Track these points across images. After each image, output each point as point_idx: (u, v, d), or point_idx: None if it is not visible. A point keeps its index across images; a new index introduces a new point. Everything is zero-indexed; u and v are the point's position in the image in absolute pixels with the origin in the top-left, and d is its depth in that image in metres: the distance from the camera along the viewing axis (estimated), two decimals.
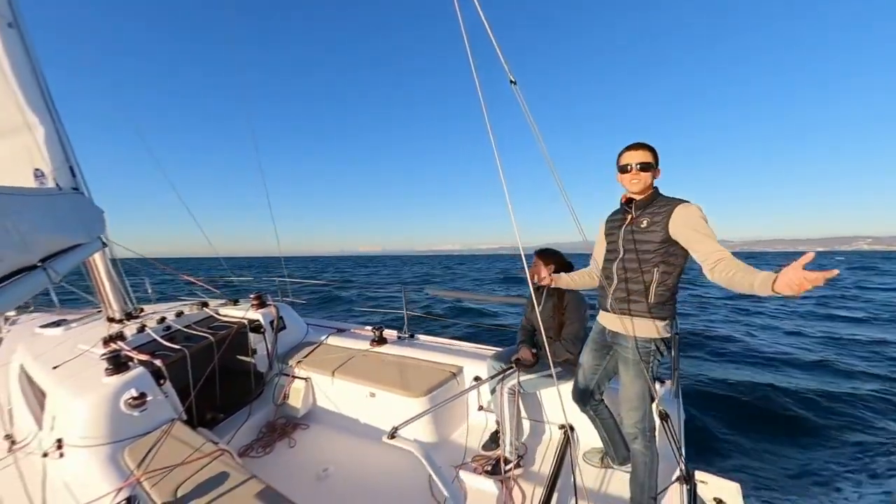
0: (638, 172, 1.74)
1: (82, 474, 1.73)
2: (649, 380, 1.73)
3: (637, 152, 1.75)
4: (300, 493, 2.16)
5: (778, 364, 6.78)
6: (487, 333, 7.94)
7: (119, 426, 1.91)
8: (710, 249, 1.53)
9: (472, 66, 1.23)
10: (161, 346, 2.56)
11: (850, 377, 6.12)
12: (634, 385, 1.77)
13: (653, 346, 1.74)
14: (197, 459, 1.71)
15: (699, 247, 1.57)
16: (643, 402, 1.77)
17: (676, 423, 2.30)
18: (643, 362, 1.73)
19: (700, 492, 2.09)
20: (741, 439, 4.40)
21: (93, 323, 3.16)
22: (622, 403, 1.85)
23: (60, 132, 2.85)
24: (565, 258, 2.54)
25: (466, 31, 1.24)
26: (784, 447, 4.27)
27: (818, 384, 5.73)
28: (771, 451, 4.21)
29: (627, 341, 1.76)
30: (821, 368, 6.56)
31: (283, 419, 2.92)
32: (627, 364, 1.78)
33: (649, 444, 1.82)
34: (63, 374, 2.20)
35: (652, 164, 1.73)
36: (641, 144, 1.75)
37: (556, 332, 2.44)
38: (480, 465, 2.34)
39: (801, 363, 6.78)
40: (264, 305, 3.43)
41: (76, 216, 2.41)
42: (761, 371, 6.44)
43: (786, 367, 6.62)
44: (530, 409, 2.65)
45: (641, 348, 1.73)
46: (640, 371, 1.74)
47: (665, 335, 1.75)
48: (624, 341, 1.79)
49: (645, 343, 1.73)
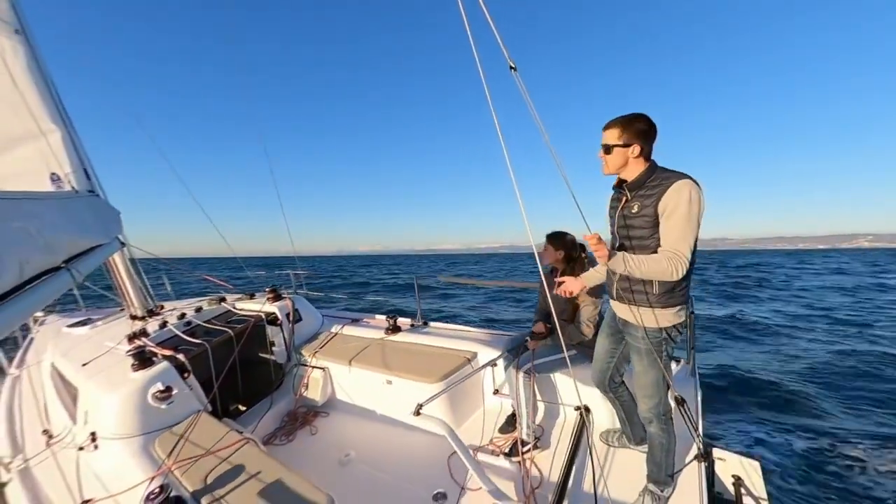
0: (602, 154, 1.64)
1: (117, 465, 1.81)
2: (662, 368, 1.68)
3: (604, 132, 1.62)
4: (324, 478, 2.23)
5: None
6: (501, 321, 7.96)
7: (148, 418, 1.99)
8: (668, 244, 1.49)
9: (474, 50, 1.21)
10: (183, 341, 2.63)
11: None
12: (648, 374, 1.71)
13: (663, 335, 1.66)
14: (224, 448, 1.78)
15: (662, 233, 1.52)
16: (658, 389, 1.73)
17: (693, 402, 2.30)
18: (655, 351, 1.66)
19: (718, 469, 2.10)
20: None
21: (117, 321, 3.26)
22: (637, 391, 1.82)
23: (73, 136, 2.91)
24: (576, 241, 2.52)
25: (467, 18, 1.22)
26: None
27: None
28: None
29: (637, 331, 1.69)
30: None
31: (303, 408, 3.00)
32: (640, 354, 1.72)
33: (665, 426, 1.80)
34: (92, 370, 2.29)
35: (620, 144, 1.57)
36: (611, 122, 1.60)
37: (570, 314, 2.44)
38: (498, 448, 2.38)
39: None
40: (280, 298, 3.49)
41: (94, 218, 2.47)
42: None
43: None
44: (545, 392, 2.67)
45: (652, 338, 1.65)
46: (652, 360, 1.68)
47: (676, 322, 1.66)
48: (634, 331, 1.72)
49: (654, 333, 1.66)
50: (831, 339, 7.91)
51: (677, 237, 1.47)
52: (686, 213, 1.45)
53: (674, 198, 1.47)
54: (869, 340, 7.66)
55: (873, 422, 4.41)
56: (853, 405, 4.83)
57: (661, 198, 1.50)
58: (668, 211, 1.48)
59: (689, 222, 1.46)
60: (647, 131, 1.56)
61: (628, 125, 1.56)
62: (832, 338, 7.98)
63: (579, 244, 2.52)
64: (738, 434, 4.17)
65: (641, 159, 1.60)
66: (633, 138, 1.56)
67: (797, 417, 4.54)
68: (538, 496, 1.92)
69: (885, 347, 6.99)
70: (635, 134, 1.56)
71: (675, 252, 1.47)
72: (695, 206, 1.46)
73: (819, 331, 8.79)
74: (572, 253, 2.49)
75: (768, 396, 4.97)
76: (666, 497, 1.84)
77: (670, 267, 1.46)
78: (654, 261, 1.50)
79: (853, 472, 3.48)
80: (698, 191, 1.48)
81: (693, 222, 1.47)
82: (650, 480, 1.88)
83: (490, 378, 2.88)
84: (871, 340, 7.64)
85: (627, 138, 1.56)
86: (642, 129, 1.55)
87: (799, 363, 6.26)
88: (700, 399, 2.36)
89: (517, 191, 1.27)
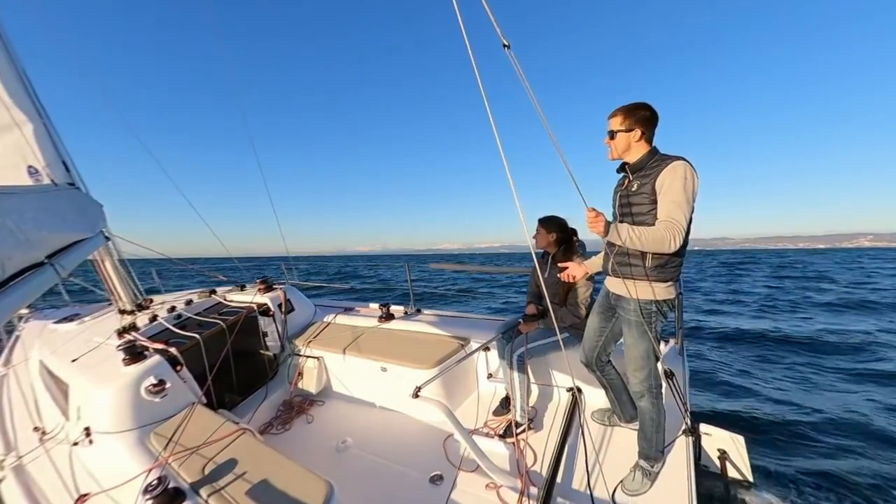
0: (608, 140, 1.77)
1: (113, 459, 1.81)
2: (652, 340, 1.76)
3: (609, 119, 1.75)
4: (322, 465, 2.26)
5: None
6: (494, 305, 7.94)
7: (143, 412, 1.98)
8: (664, 213, 1.58)
9: (462, 27, 1.19)
10: (174, 334, 2.61)
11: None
12: (639, 346, 1.80)
13: (654, 308, 1.75)
14: (220, 439, 1.78)
15: (659, 207, 1.61)
16: (648, 361, 1.81)
17: (682, 379, 2.36)
18: (645, 323, 1.75)
19: (704, 444, 2.17)
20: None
21: (105, 316, 3.21)
22: (628, 364, 1.89)
23: (49, 127, 2.81)
24: (568, 225, 2.54)
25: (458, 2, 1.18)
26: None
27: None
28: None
29: (629, 303, 1.78)
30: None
31: (299, 397, 3.02)
32: (631, 325, 1.81)
33: (656, 400, 1.87)
34: (83, 366, 2.26)
35: (623, 130, 1.70)
36: (615, 110, 1.73)
37: (562, 297, 2.47)
38: (493, 430, 2.43)
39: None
40: (271, 289, 3.47)
41: (76, 211, 2.41)
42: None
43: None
44: (539, 374, 2.72)
45: (643, 310, 1.74)
46: (643, 332, 1.77)
47: (667, 297, 1.75)
48: (626, 303, 1.80)
49: (646, 304, 1.74)
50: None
51: (673, 208, 1.56)
52: (681, 188, 1.55)
53: (670, 175, 1.58)
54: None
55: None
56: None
57: (658, 176, 1.61)
58: (665, 187, 1.58)
59: (685, 196, 1.55)
60: (648, 117, 1.68)
61: (630, 112, 1.69)
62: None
63: (571, 228, 2.54)
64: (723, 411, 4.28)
65: (643, 143, 1.71)
66: (635, 124, 1.68)
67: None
68: (532, 474, 1.97)
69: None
70: (637, 120, 1.68)
71: (671, 220, 1.55)
72: (689, 183, 1.56)
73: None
74: (563, 235, 2.51)
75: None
76: (656, 472, 1.90)
77: (668, 235, 1.53)
78: (652, 230, 1.58)
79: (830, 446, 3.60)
80: (693, 171, 1.58)
81: (688, 196, 1.56)
82: (641, 456, 1.94)
83: (484, 362, 2.92)
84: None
85: (629, 124, 1.69)
86: (643, 116, 1.68)
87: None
88: (687, 377, 2.42)
89: (506, 167, 1.26)
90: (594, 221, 1.56)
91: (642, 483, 1.86)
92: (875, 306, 9.91)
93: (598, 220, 1.56)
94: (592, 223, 1.57)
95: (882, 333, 7.09)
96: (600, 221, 1.56)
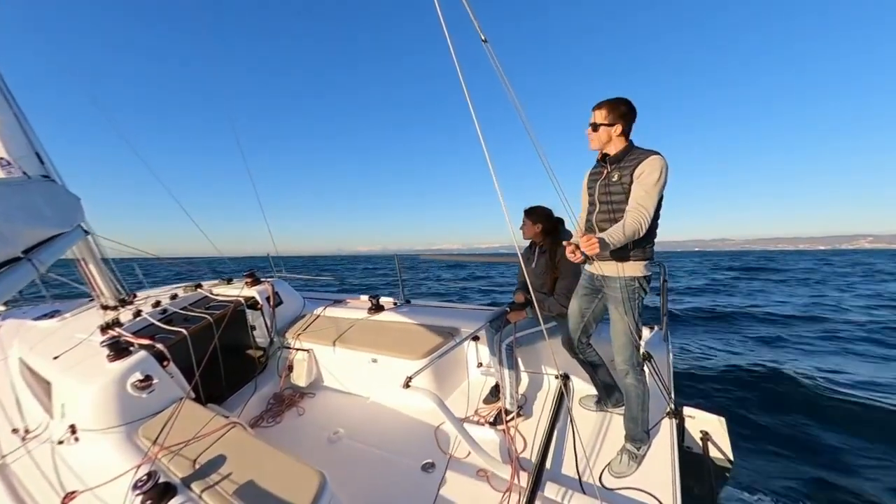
0: (589, 132, 1.88)
1: (100, 456, 1.78)
2: (635, 316, 1.89)
3: (593, 111, 1.86)
4: (314, 456, 2.27)
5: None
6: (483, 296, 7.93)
7: (130, 408, 1.95)
8: (635, 200, 1.72)
9: (444, 27, 1.17)
10: (160, 329, 2.57)
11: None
12: (623, 321, 1.90)
13: (636, 284, 1.87)
14: (210, 433, 1.77)
15: (632, 193, 1.75)
16: (631, 337, 1.91)
17: (665, 364, 2.43)
18: (630, 300, 1.87)
19: (688, 426, 2.24)
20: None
21: (86, 312, 3.14)
22: (613, 340, 1.98)
23: (20, 118, 2.71)
24: (553, 215, 2.55)
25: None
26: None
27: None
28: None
29: (615, 281, 1.89)
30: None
31: (289, 390, 3.01)
32: (615, 302, 1.91)
33: (640, 377, 1.97)
34: (66, 363, 2.21)
35: (606, 123, 1.81)
36: (599, 103, 1.83)
37: (549, 287, 2.50)
38: (483, 418, 2.46)
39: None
40: (258, 282, 3.43)
41: (52, 205, 2.34)
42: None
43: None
44: (528, 362, 2.76)
45: (628, 286, 1.86)
46: (627, 308, 1.89)
47: (647, 273, 1.88)
48: (612, 282, 1.91)
49: (630, 281, 1.86)
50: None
51: (643, 195, 1.71)
52: (654, 179, 1.70)
53: (649, 166, 1.72)
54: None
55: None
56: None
57: (636, 167, 1.74)
58: (643, 176, 1.72)
59: (655, 187, 1.70)
60: (628, 113, 1.81)
61: (614, 107, 1.80)
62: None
63: (556, 217, 2.56)
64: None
65: (622, 137, 1.84)
66: (617, 119, 1.80)
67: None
68: (522, 460, 2.02)
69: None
70: (619, 115, 1.80)
71: (640, 206, 1.69)
72: (662, 175, 1.72)
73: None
74: (549, 225, 2.53)
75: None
76: (642, 455, 1.96)
77: (637, 223, 1.68)
78: (627, 224, 1.70)
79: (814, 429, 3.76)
80: (666, 165, 1.74)
81: (658, 188, 1.71)
82: (627, 439, 2.00)
83: (473, 352, 2.94)
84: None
85: (612, 118, 1.80)
86: (624, 112, 1.80)
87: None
88: (671, 362, 2.49)
89: (489, 162, 1.26)
90: (591, 246, 1.59)
91: (629, 465, 1.92)
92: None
93: (593, 245, 1.59)
94: (590, 249, 1.60)
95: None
96: (595, 244, 1.60)
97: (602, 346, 2.32)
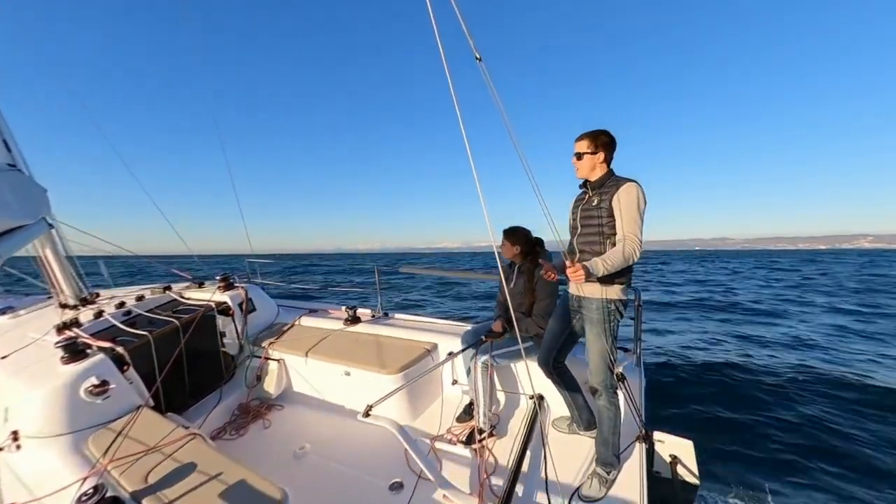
0: (575, 161, 2.00)
1: (43, 466, 1.66)
2: (611, 337, 1.95)
3: (576, 143, 1.99)
4: (277, 472, 2.17)
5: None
6: (462, 310, 7.93)
7: (80, 415, 1.83)
8: (625, 230, 1.81)
9: (439, 42, 1.20)
10: (122, 332, 2.45)
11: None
12: (599, 341, 1.95)
13: (613, 307, 1.93)
14: (167, 444, 1.68)
15: (619, 223, 1.84)
16: (607, 358, 1.95)
17: (637, 388, 2.45)
18: (606, 322, 1.92)
19: (658, 450, 2.26)
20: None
21: (43, 310, 2.97)
22: (589, 361, 2.02)
23: None
24: (531, 236, 2.59)
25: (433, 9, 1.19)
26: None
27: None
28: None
29: (592, 303, 1.96)
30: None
31: (256, 401, 2.89)
32: (592, 323, 1.96)
33: (613, 399, 2.01)
34: (14, 363, 2.08)
35: (589, 153, 1.94)
36: (582, 135, 1.97)
37: (528, 308, 2.51)
38: (455, 436, 2.42)
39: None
40: (232, 287, 3.33)
41: (16, 195, 2.23)
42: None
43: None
44: (504, 382, 2.74)
45: (605, 308, 1.92)
46: (603, 329, 1.93)
47: (623, 297, 1.96)
48: (589, 304, 1.97)
49: (607, 304, 1.92)
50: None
51: (631, 225, 1.81)
52: (636, 206, 1.82)
53: (625, 195, 1.83)
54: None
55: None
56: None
57: (614, 195, 1.86)
58: (623, 205, 1.83)
59: (638, 213, 1.82)
60: (608, 143, 1.94)
61: (595, 138, 1.94)
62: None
63: (535, 238, 2.59)
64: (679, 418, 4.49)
65: (604, 165, 1.97)
66: (599, 147, 1.94)
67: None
68: (492, 482, 1.98)
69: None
70: (600, 144, 1.94)
71: (632, 235, 1.79)
72: (641, 201, 1.84)
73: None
74: (527, 247, 2.56)
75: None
76: (612, 479, 1.97)
77: (630, 250, 1.78)
78: (618, 252, 1.79)
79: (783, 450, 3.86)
80: (642, 191, 1.86)
81: (640, 213, 1.83)
82: (598, 463, 2.01)
83: (449, 368, 2.91)
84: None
85: (594, 148, 1.94)
86: (606, 141, 1.94)
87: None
88: (643, 387, 2.52)
89: (476, 179, 1.27)
90: (577, 275, 1.70)
91: (598, 490, 1.91)
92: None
93: (579, 274, 1.70)
94: (577, 277, 1.71)
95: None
96: (581, 273, 1.70)
97: (577, 368, 2.32)
